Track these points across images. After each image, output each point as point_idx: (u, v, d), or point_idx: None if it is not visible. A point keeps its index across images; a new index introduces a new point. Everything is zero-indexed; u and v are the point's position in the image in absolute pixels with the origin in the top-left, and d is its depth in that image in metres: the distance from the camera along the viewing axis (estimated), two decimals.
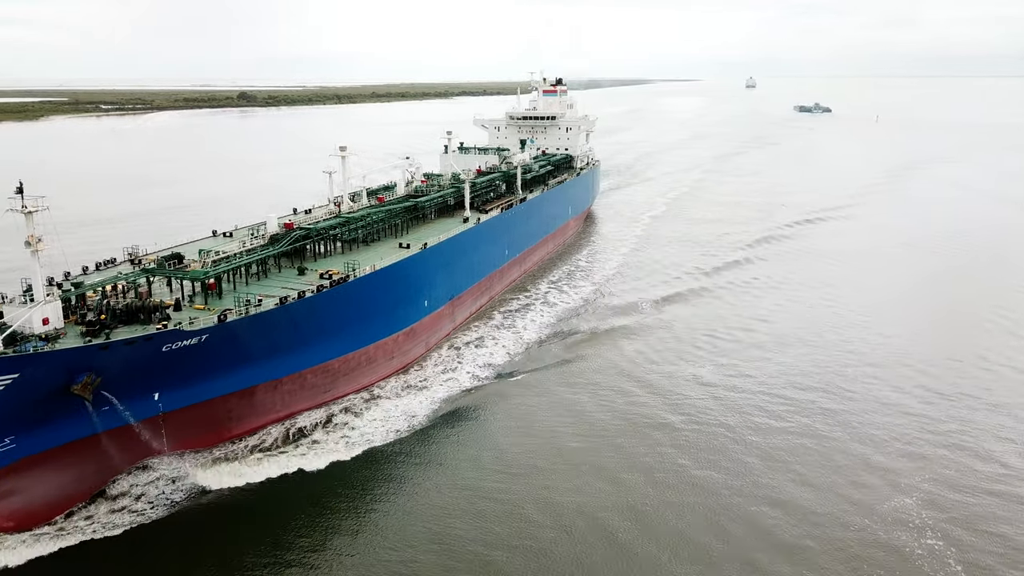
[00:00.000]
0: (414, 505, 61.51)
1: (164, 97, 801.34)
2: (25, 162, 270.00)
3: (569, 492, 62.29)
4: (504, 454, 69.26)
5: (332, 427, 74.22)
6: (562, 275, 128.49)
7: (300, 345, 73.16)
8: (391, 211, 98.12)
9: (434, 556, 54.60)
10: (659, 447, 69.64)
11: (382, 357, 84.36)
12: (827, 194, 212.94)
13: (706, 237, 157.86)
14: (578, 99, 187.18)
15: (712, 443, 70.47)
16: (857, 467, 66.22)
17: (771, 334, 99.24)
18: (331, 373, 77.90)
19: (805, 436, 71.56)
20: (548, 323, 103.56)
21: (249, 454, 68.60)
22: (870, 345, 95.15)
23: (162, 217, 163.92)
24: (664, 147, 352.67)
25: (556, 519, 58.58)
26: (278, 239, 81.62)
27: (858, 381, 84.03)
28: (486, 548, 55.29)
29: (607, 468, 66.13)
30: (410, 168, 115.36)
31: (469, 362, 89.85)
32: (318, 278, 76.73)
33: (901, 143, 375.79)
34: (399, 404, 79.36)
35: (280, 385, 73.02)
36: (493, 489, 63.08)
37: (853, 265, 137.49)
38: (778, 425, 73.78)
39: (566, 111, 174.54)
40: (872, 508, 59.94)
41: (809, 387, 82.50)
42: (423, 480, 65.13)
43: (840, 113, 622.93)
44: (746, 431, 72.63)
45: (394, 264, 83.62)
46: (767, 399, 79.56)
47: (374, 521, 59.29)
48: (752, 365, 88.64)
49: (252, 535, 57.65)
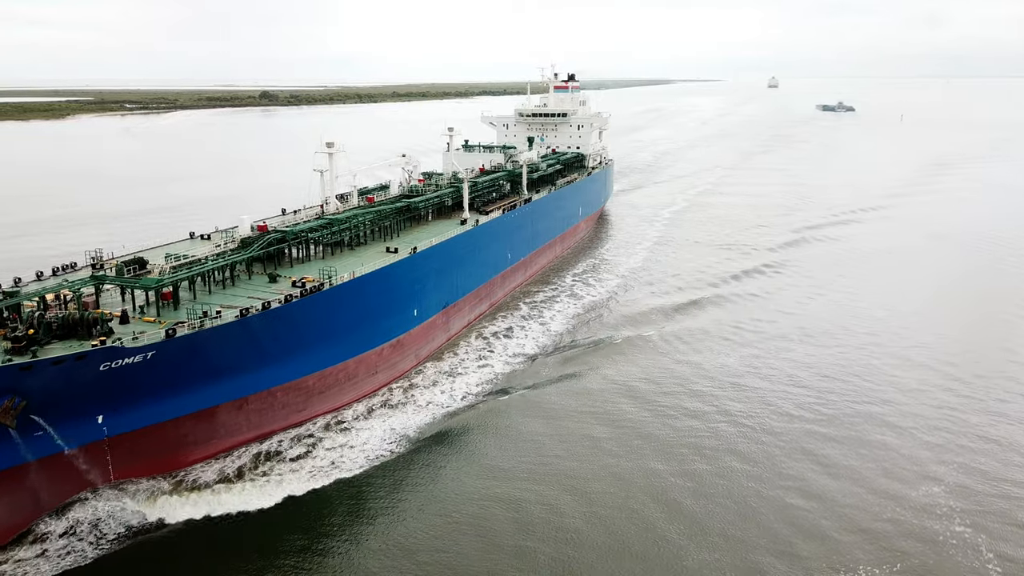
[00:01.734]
0: (383, 544, 53.74)
1: (187, 97, 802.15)
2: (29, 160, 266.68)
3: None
4: (500, 489, 61.18)
5: (305, 451, 66.65)
6: (570, 280, 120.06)
7: (267, 361, 65.57)
8: (380, 212, 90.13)
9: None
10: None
11: (364, 372, 76.58)
12: (861, 192, 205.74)
13: (733, 238, 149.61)
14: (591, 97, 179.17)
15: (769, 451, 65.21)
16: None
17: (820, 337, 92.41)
18: (305, 391, 70.22)
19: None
20: (552, 333, 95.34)
21: (210, 482, 61.18)
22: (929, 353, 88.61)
23: (160, 216, 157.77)
24: (686, 146, 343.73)
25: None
26: (250, 243, 74.03)
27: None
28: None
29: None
30: (407, 166, 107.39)
31: (462, 377, 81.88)
32: (290, 286, 69.06)
33: (929, 142, 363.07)
34: (382, 424, 71.70)
35: (245, 405, 65.45)
36: (488, 529, 55.13)
37: (892, 263, 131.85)
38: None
39: (578, 108, 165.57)
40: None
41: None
42: (402, 516, 57.29)
43: (864, 112, 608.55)
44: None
45: (378, 270, 75.78)
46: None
47: (340, 565, 51.56)
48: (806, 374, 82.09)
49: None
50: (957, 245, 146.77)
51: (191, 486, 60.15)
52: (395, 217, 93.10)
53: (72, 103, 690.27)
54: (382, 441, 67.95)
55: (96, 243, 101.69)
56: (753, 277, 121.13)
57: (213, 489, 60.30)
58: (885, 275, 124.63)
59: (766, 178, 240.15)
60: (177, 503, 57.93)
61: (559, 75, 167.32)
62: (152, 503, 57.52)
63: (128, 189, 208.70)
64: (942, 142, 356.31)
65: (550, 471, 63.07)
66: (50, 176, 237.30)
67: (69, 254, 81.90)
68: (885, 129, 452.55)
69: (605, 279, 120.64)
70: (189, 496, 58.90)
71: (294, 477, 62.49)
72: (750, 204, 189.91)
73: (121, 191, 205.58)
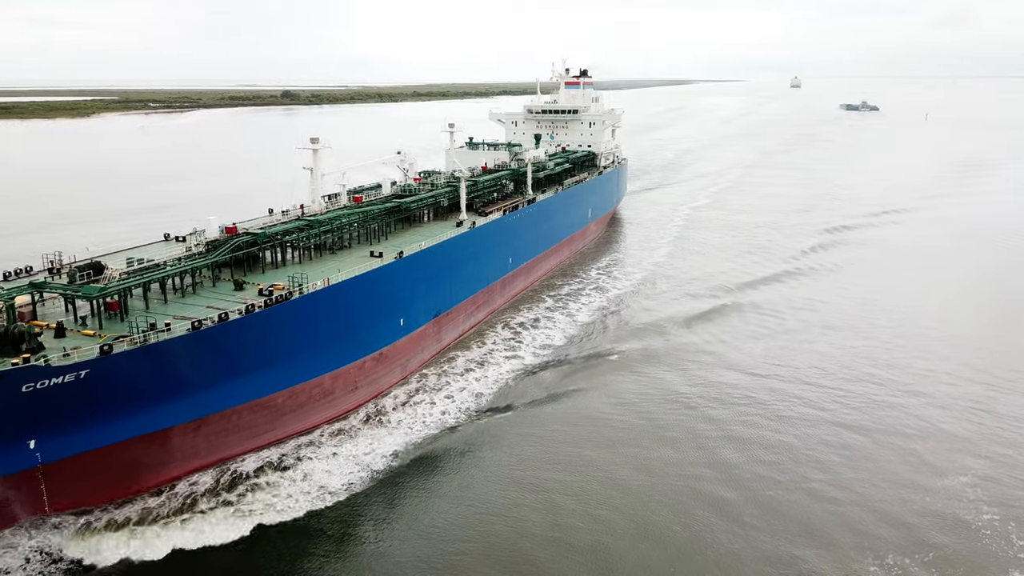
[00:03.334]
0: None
1: (210, 96, 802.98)
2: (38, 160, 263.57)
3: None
4: (489, 529, 53.95)
5: (273, 476, 59.85)
6: (577, 285, 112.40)
7: (228, 377, 58.74)
8: (367, 213, 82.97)
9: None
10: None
11: (342, 388, 69.58)
12: (891, 192, 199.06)
13: (756, 240, 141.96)
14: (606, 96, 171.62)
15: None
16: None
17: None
18: (273, 410, 63.35)
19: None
20: (553, 343, 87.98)
21: (162, 512, 54.54)
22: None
23: (159, 215, 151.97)
24: (708, 144, 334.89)
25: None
26: (217, 246, 67.22)
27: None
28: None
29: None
30: (402, 164, 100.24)
31: (451, 392, 74.73)
32: (257, 294, 62.17)
33: (955, 141, 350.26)
34: (359, 445, 64.83)
35: (203, 426, 58.71)
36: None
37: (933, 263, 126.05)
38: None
39: (590, 104, 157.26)
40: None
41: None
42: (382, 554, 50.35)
43: (888, 112, 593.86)
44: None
45: (357, 277, 68.66)
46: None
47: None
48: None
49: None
50: (993, 244, 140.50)
51: (140, 518, 53.52)
52: (384, 218, 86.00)
53: (97, 102, 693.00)
54: (358, 466, 61.15)
55: (86, 242, 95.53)
56: (775, 284, 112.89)
57: (165, 521, 53.71)
58: (925, 275, 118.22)
59: (790, 177, 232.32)
60: (119, 539, 51.40)
61: (571, 70, 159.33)
62: (86, 539, 50.98)
63: (137, 187, 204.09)
64: (969, 141, 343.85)
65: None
66: (63, 175, 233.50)
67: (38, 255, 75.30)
68: (910, 128, 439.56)
69: (618, 280, 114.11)
70: (136, 530, 52.33)
71: (260, 506, 55.93)
72: (773, 205, 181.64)
73: (130, 189, 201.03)
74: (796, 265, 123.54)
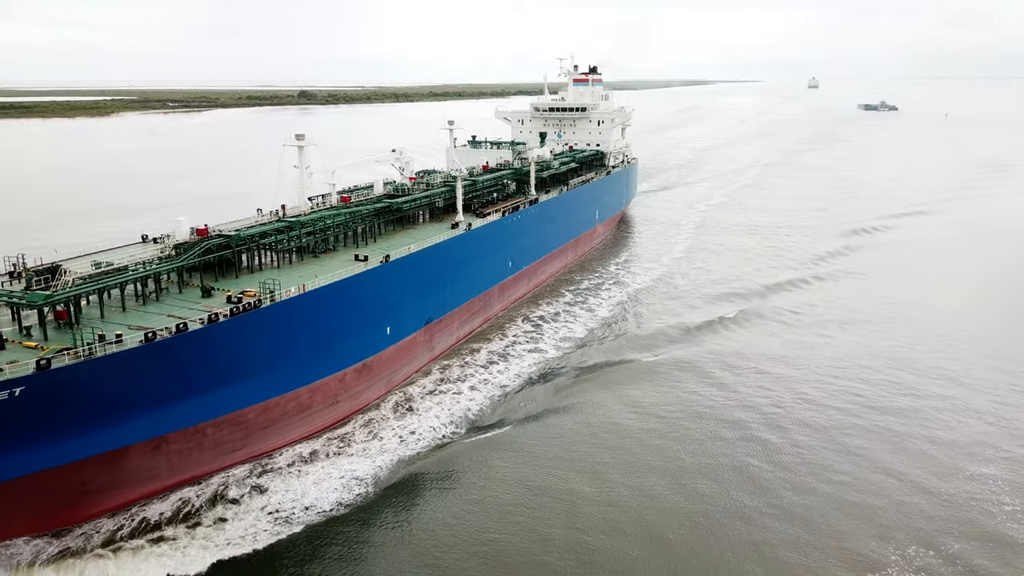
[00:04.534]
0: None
1: (228, 96, 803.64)
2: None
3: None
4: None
5: (243, 499, 54.80)
6: (583, 290, 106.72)
7: (192, 392, 53.79)
8: (355, 214, 77.71)
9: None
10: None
11: (321, 402, 64.43)
12: (914, 192, 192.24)
13: (771, 243, 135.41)
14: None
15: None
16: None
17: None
18: (243, 426, 58.32)
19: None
20: (553, 354, 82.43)
21: (115, 539, 49.72)
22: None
23: (160, 212, 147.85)
24: (723, 143, 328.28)
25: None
26: (187, 249, 62.20)
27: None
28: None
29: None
30: (397, 162, 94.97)
31: (436, 407, 69.35)
32: (225, 301, 57.11)
33: (976, 140, 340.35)
34: (336, 464, 59.64)
35: (164, 444, 53.78)
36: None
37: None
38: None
39: (599, 102, 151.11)
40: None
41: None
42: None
43: (907, 111, 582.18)
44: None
45: (338, 283, 63.45)
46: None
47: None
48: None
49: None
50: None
51: (90, 546, 48.61)
52: (373, 219, 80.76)
53: (116, 102, 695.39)
54: (333, 488, 56.00)
55: (78, 242, 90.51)
56: (794, 289, 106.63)
57: (118, 549, 48.83)
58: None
59: (809, 177, 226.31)
60: (63, 573, 46.50)
61: (579, 67, 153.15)
62: (40, 571, 46.20)
63: (149, 185, 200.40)
64: (990, 141, 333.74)
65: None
66: (77, 175, 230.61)
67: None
68: (930, 128, 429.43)
69: (627, 283, 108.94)
70: (79, 562, 47.41)
71: (228, 534, 50.88)
72: (792, 205, 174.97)
73: (139, 188, 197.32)
74: (820, 270, 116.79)
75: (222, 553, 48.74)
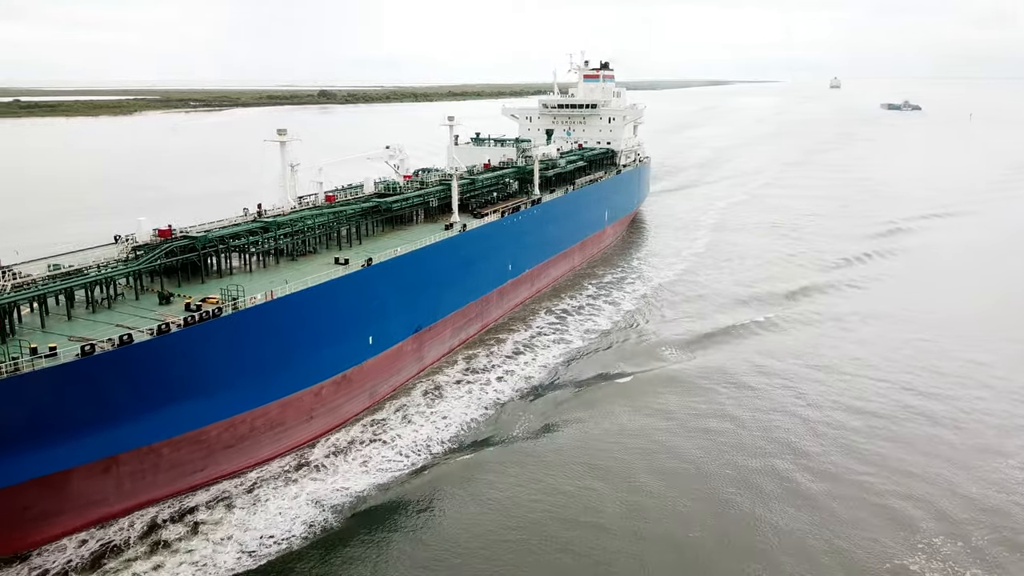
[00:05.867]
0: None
1: (249, 95, 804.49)
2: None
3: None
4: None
5: (198, 528, 49.52)
6: (590, 294, 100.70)
7: (144, 409, 48.67)
8: (338, 215, 72.13)
9: None
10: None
11: (295, 418, 59.04)
12: (941, 193, 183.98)
13: (794, 248, 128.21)
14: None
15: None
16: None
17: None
18: (205, 445, 53.06)
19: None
20: (554, 364, 76.59)
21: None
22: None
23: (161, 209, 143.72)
24: (741, 143, 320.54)
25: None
26: (148, 251, 56.97)
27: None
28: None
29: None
30: (391, 159, 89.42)
31: (413, 426, 63.74)
32: (184, 309, 51.84)
33: (1002, 140, 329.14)
34: (309, 487, 54.25)
35: (115, 466, 48.64)
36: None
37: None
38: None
39: (610, 99, 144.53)
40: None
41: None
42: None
43: (931, 111, 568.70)
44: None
45: (310, 289, 57.93)
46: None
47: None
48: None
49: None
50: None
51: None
52: (360, 220, 75.21)
53: (139, 100, 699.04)
54: (303, 515, 50.67)
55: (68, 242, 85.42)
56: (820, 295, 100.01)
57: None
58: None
59: (831, 177, 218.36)
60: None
61: (590, 62, 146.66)
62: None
63: (170, 180, 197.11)
64: (1017, 142, 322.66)
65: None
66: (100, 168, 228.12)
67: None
68: (954, 127, 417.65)
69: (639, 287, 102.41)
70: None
71: (183, 567, 45.57)
72: (816, 206, 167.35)
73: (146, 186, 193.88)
74: (853, 274, 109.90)
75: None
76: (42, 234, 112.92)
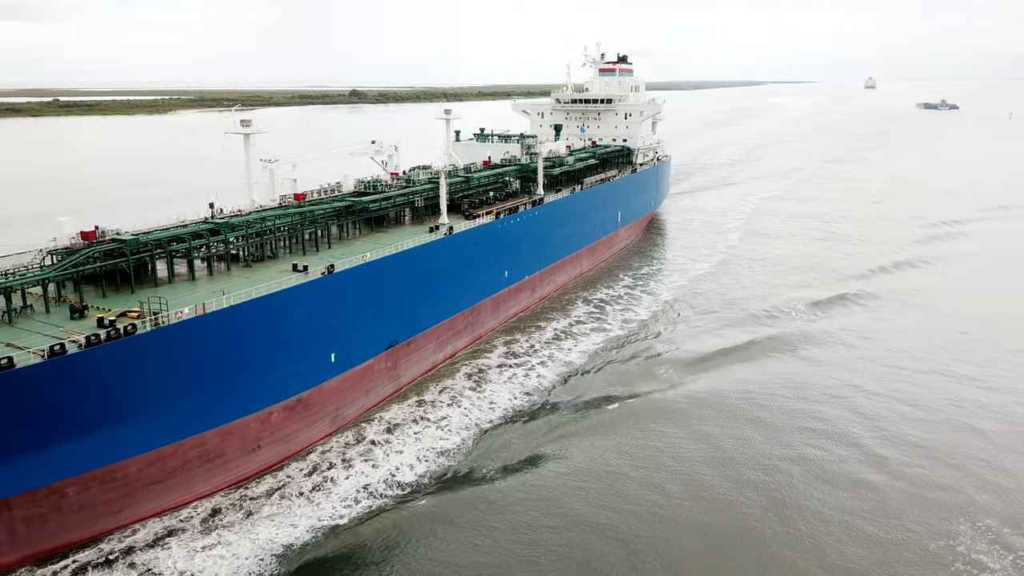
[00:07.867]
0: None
1: (282, 95, 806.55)
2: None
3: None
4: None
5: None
6: (596, 303, 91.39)
7: (43, 442, 40.94)
8: (304, 216, 63.78)
9: None
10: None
11: (236, 449, 50.90)
12: (977, 192, 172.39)
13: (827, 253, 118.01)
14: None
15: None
16: None
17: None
18: (122, 483, 45.20)
19: None
20: (554, 376, 67.63)
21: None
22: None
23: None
24: (777, 141, 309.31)
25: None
26: (66, 256, 49.18)
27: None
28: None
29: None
30: (377, 155, 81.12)
31: (401, 448, 55.31)
32: (96, 325, 43.94)
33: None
34: (252, 531, 46.03)
35: (7, 511, 40.94)
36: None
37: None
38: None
39: (627, 94, 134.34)
40: None
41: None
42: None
43: (968, 110, 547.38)
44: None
45: (253, 301, 49.63)
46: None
47: None
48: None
49: None
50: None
51: None
52: (332, 222, 66.85)
53: (174, 100, 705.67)
54: (245, 561, 42.60)
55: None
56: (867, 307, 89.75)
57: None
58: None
59: (869, 174, 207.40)
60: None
61: (606, 55, 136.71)
62: None
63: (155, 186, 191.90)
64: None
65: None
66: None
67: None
68: (992, 127, 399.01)
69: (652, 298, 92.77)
70: None
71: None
72: (853, 209, 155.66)
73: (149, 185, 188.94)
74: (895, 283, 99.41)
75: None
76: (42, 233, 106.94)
